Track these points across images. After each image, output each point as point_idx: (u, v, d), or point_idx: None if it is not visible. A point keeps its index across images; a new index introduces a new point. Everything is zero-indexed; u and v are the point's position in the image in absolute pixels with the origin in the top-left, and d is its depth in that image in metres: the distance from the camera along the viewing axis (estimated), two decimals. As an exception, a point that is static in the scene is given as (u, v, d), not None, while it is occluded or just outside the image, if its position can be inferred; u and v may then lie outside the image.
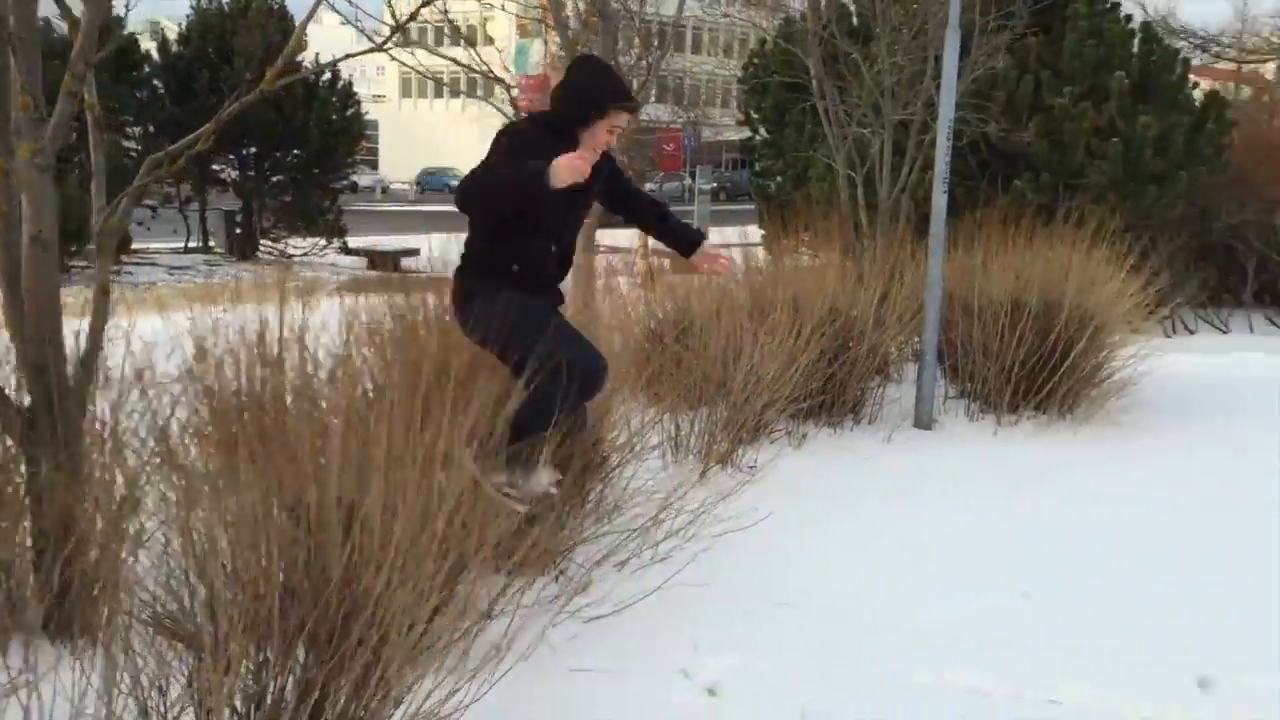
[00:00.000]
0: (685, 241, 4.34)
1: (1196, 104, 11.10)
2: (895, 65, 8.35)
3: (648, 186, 24.68)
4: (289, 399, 3.39)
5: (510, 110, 8.87)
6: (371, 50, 3.71)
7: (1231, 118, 11.64)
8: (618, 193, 4.18)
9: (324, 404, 3.48)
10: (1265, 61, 19.02)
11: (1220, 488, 6.18)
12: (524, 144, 3.61)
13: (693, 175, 33.18)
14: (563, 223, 3.87)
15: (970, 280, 7.70)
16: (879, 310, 7.56)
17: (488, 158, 3.64)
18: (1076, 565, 4.92)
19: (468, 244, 3.91)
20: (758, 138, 15.24)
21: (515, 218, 3.61)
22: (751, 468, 6.06)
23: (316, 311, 4.78)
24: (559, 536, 4.44)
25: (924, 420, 7.44)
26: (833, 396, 7.25)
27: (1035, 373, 7.37)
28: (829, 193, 10.18)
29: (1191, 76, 24.13)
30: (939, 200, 7.39)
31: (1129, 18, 11.67)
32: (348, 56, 3.79)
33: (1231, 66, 21.92)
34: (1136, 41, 11.43)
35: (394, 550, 2.85)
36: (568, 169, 3.34)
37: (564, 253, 3.93)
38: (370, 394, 3.94)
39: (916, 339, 7.76)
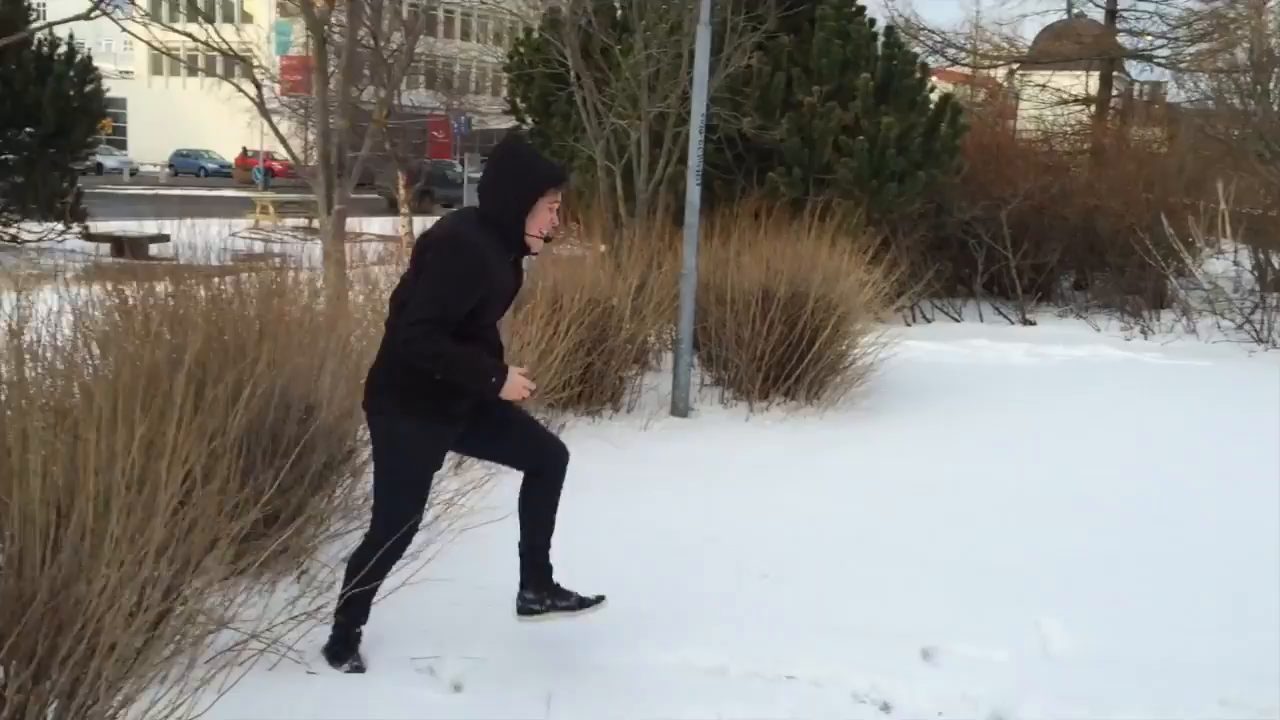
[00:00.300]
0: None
1: (931, 106, 11.78)
2: (651, 58, 8.49)
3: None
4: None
5: (266, 93, 8.50)
6: (79, 18, 3.44)
7: (967, 121, 12.43)
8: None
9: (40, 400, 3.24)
10: (995, 66, 20.42)
11: (948, 466, 6.60)
12: (478, 260, 3.52)
13: (462, 163, 32.86)
14: (491, 325, 3.80)
15: (724, 271, 7.93)
16: (636, 300, 7.67)
17: (438, 281, 3.48)
18: (815, 545, 5.15)
19: (389, 344, 3.68)
20: (524, 127, 15.20)
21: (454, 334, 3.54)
22: (507, 459, 6.03)
23: (43, 301, 4.45)
24: (303, 536, 4.30)
25: (680, 408, 7.61)
26: (591, 386, 7.33)
27: (785, 360, 7.65)
28: (592, 184, 10.27)
29: (933, 79, 25.64)
30: (693, 192, 7.57)
31: (873, 21, 12.26)
32: (57, 23, 3.52)
33: (967, 70, 23.44)
34: (880, 44, 12.03)
35: (108, 554, 2.68)
36: (515, 390, 3.56)
37: (493, 349, 3.81)
38: (91, 387, 3.70)
39: (674, 328, 7.94)
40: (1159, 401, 8.60)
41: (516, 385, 3.57)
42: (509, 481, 5.37)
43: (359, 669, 3.71)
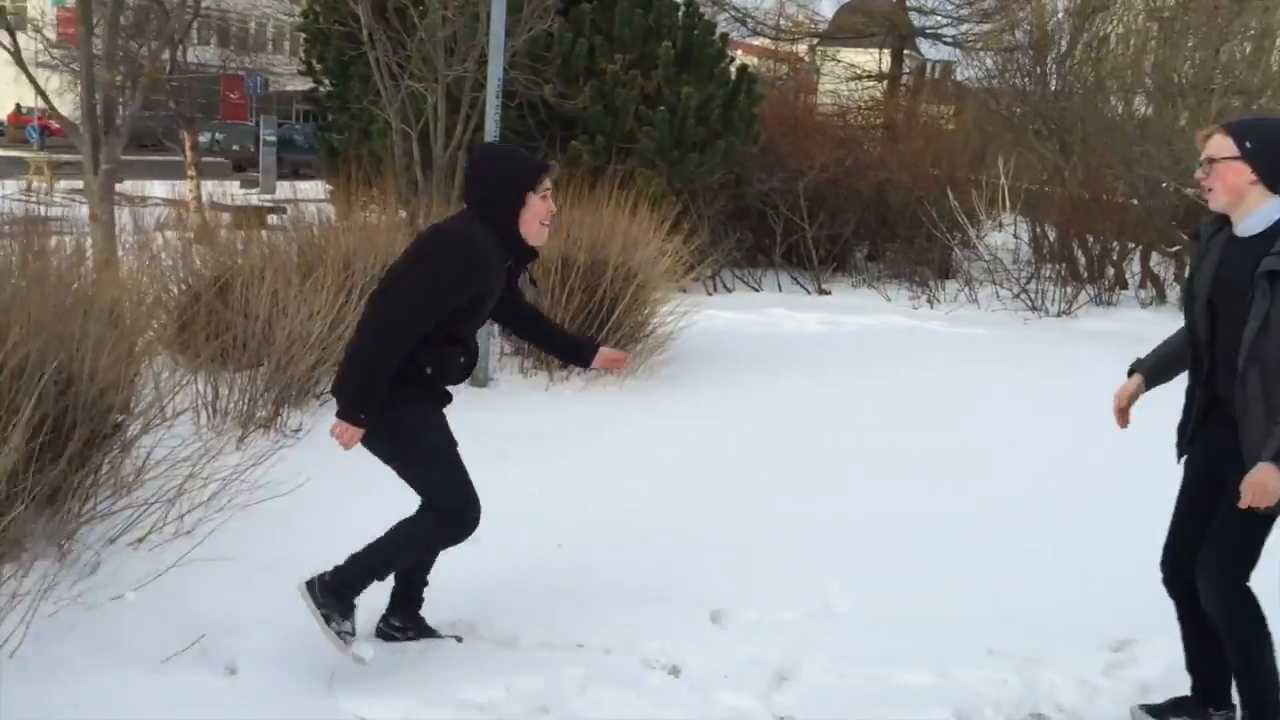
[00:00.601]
0: (582, 349, 4.13)
1: (731, 76, 11.95)
2: (447, 20, 8.28)
3: (202, 136, 23.05)
4: None
5: (38, 45, 7.88)
6: None
7: (763, 91, 12.67)
8: (507, 296, 3.80)
9: None
10: (795, 41, 20.91)
11: (742, 433, 6.72)
12: (481, 263, 3.44)
13: (258, 125, 31.52)
14: (476, 329, 3.70)
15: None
16: (433, 268, 7.50)
17: (429, 277, 3.39)
18: (612, 514, 5.14)
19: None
20: (322, 89, 14.66)
21: (436, 326, 3.43)
22: (296, 431, 5.82)
23: None
24: (61, 513, 4.03)
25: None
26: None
27: (584, 328, 7.62)
28: (390, 148, 9.98)
29: (739, 53, 26.01)
30: (490, 158, 7.41)
31: (675, -10, 12.33)
32: None
33: (771, 45, 23.94)
34: (681, 14, 12.11)
35: None
36: (342, 436, 3.45)
37: (471, 353, 3.66)
38: None
39: (473, 296, 7.79)
40: (941, 367, 8.96)
41: (347, 436, 3.44)
42: (293, 455, 5.21)
43: (351, 640, 3.46)
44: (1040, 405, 7.68)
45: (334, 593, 3.42)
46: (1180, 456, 3.38)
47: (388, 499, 5.12)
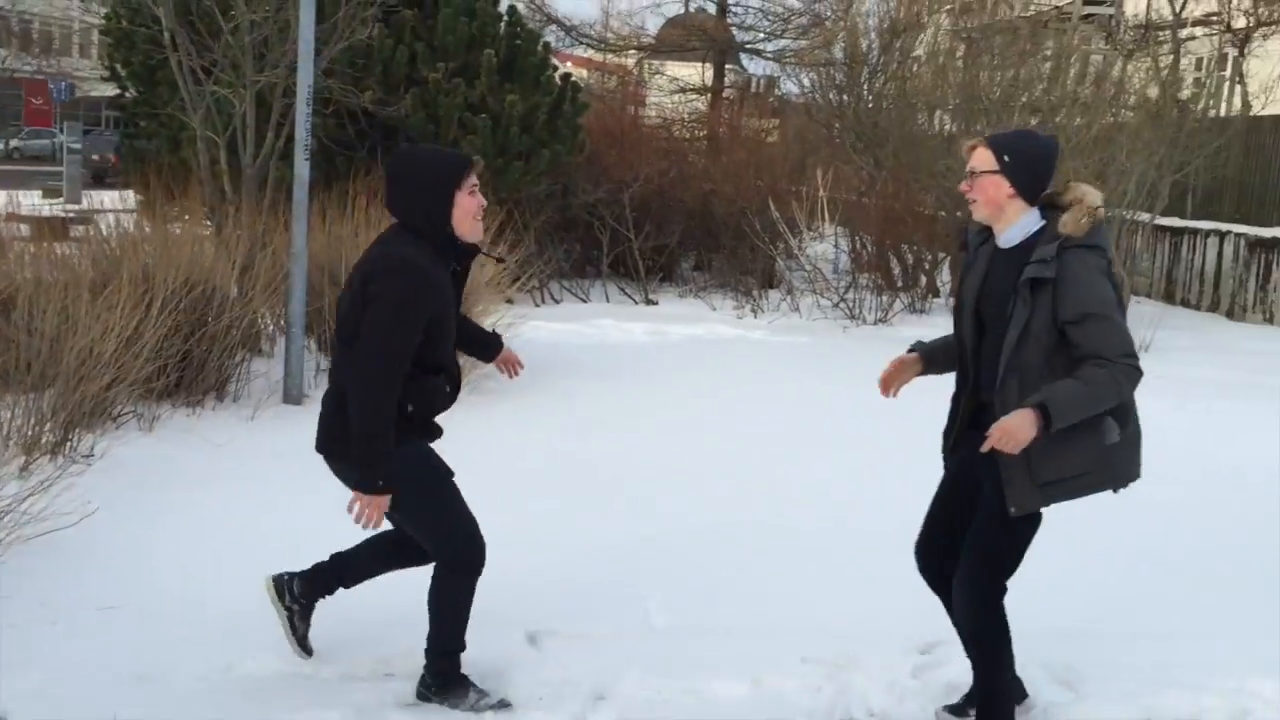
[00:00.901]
0: (490, 345, 3.94)
1: (556, 85, 11.89)
2: (255, 24, 7.96)
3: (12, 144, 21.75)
4: None
5: None
6: None
7: (588, 101, 12.66)
8: None
9: None
10: (620, 53, 21.00)
11: (564, 447, 6.66)
12: (422, 281, 3.24)
13: (62, 131, 29.91)
14: (452, 351, 3.50)
15: (340, 250, 7.60)
16: (242, 281, 7.21)
17: (387, 320, 3.19)
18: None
19: (342, 383, 3.37)
20: (127, 95, 13.98)
21: (417, 360, 3.28)
22: (87, 456, 5.48)
23: None
24: None
25: (294, 395, 7.22)
26: (192, 374, 6.82)
27: (403, 343, 7.43)
28: (196, 156, 9.55)
29: (568, 65, 25.99)
30: (301, 167, 7.17)
31: (496, 1, 12.21)
32: None
33: (600, 57, 24.02)
34: (504, 23, 12.00)
35: None
36: (367, 511, 3.33)
37: (455, 378, 3.50)
38: None
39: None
40: (762, 375, 9.09)
41: (373, 509, 3.33)
42: (83, 482, 4.90)
43: (489, 700, 3.55)
44: (852, 411, 7.82)
45: (442, 686, 3.53)
46: (945, 461, 3.50)
47: (186, 523, 4.89)
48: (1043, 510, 3.24)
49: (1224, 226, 13.57)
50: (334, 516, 5.12)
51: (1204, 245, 13.74)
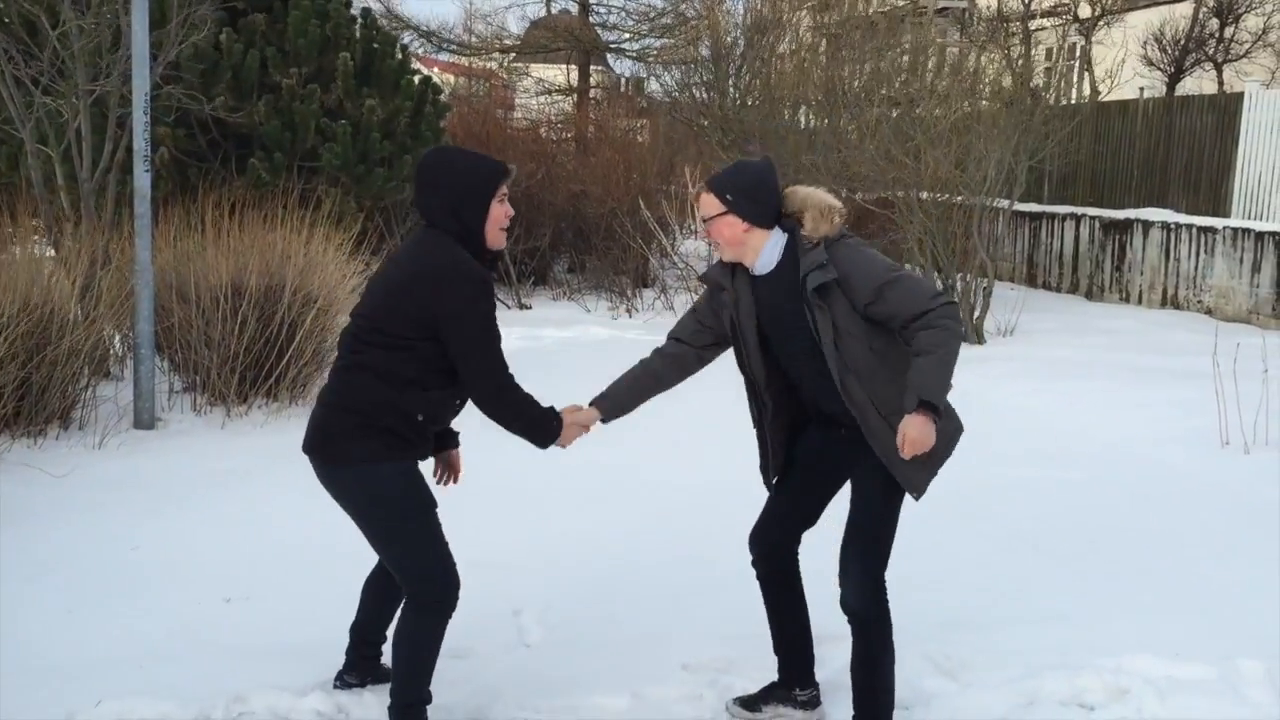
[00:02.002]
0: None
1: (415, 89, 11.58)
2: (84, 30, 7.52)
3: None
4: None
5: None
6: None
7: (449, 104, 12.37)
8: None
9: None
10: (482, 54, 20.70)
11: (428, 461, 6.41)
12: (489, 292, 3.18)
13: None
14: None
15: (189, 265, 7.24)
16: (84, 302, 6.80)
17: (483, 328, 3.14)
18: (286, 559, 4.75)
19: (352, 384, 3.18)
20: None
21: (435, 370, 3.16)
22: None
23: None
24: None
25: (145, 419, 6.84)
26: (32, 402, 6.39)
27: (263, 359, 7.13)
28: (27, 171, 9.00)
29: (435, 70, 25.54)
30: (141, 180, 6.80)
31: (349, 3, 11.84)
32: None
33: (466, 61, 23.66)
34: (359, 26, 11.65)
35: None
36: (571, 435, 3.57)
37: (463, 400, 3.33)
38: None
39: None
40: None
41: (573, 433, 3.45)
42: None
43: None
44: (729, 407, 7.77)
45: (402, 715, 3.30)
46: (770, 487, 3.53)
47: (23, 560, 4.54)
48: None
49: (1079, 210, 14.00)
50: (189, 543, 4.85)
51: (1061, 229, 14.15)
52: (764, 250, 3.22)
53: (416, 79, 11.69)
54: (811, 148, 12.65)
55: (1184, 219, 12.35)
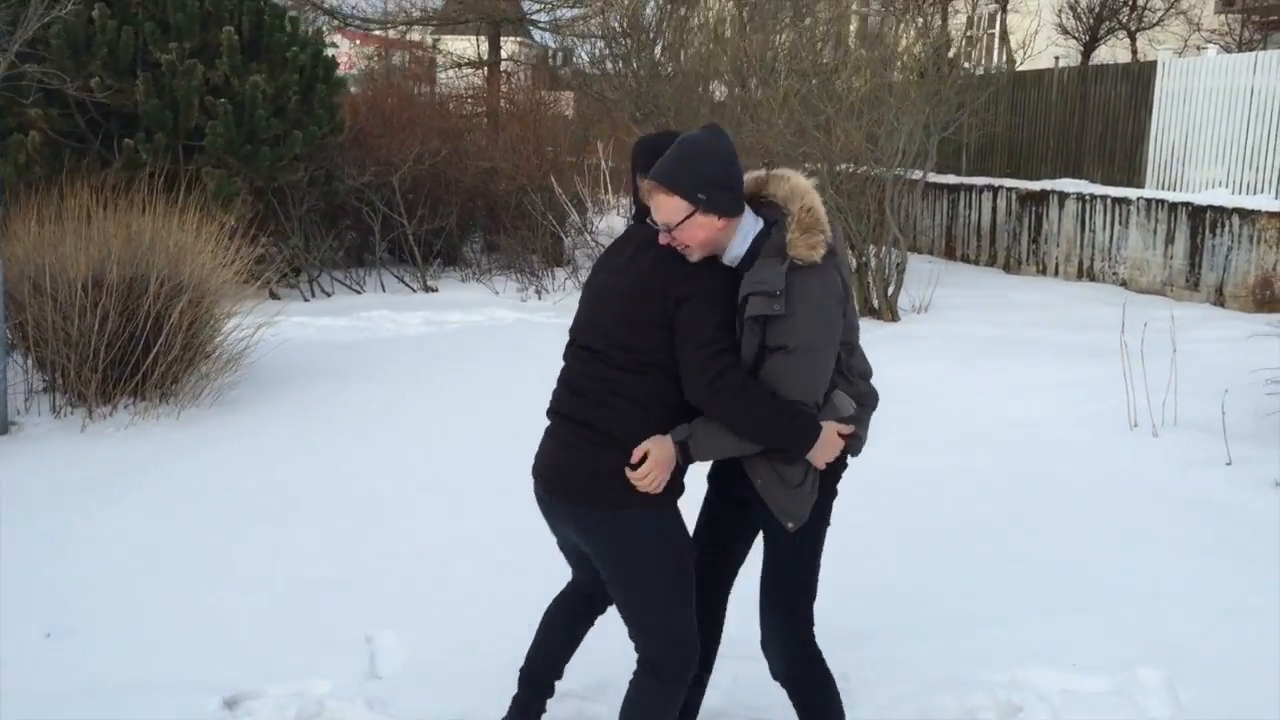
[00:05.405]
0: None
1: (303, 63, 11.03)
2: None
3: None
4: None
5: None
6: None
7: (344, 78, 11.80)
8: None
9: None
10: (383, 26, 19.99)
11: (305, 463, 6.02)
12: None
13: None
14: None
15: (43, 256, 6.72)
16: (-74, 298, 6.28)
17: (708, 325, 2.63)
18: (117, 586, 4.33)
19: (633, 418, 2.68)
20: None
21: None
22: None
23: None
24: None
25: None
26: None
27: (127, 355, 6.65)
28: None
29: (356, 41, 24.66)
30: (-17, 165, 6.27)
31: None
32: None
33: (380, 35, 22.93)
34: (243, -1, 11.07)
35: None
36: (829, 451, 2.72)
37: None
38: None
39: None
40: (538, 363, 8.54)
41: (831, 445, 2.71)
42: None
43: None
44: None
45: None
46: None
47: None
48: (826, 517, 2.86)
49: (996, 181, 13.84)
50: (34, 562, 4.41)
51: (979, 201, 13.99)
52: (736, 239, 2.68)
53: (306, 52, 11.12)
54: (725, 120, 12.31)
55: (1099, 190, 12.23)
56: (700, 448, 2.66)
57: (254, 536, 4.88)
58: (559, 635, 3.13)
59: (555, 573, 4.36)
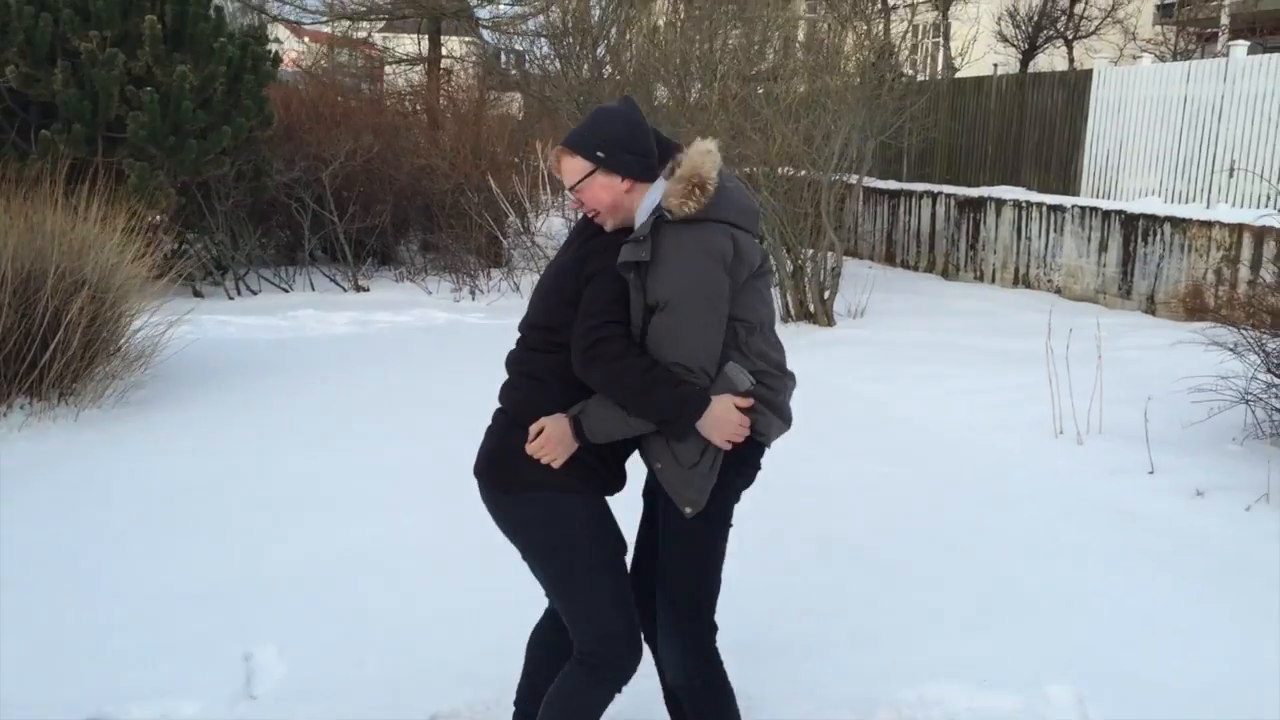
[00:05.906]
0: None
1: (231, 54, 10.71)
2: None
3: None
4: None
5: None
6: None
7: (272, 71, 11.47)
8: None
9: None
10: (321, 21, 19.60)
11: (213, 465, 5.78)
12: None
13: None
14: None
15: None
16: None
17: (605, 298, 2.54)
18: (19, 597, 4.09)
19: (532, 394, 2.63)
20: None
21: None
22: None
23: None
24: None
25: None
26: None
27: (21, 354, 6.36)
28: None
29: (305, 40, 24.18)
30: None
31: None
32: None
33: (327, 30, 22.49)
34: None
35: None
36: (727, 428, 2.55)
37: None
38: None
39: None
40: (464, 365, 8.34)
41: (727, 420, 2.55)
42: None
43: None
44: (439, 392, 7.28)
45: None
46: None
47: None
48: (728, 512, 2.69)
49: (935, 188, 13.83)
50: None
51: (919, 207, 13.97)
52: (643, 204, 2.59)
53: (235, 43, 10.82)
54: (666, 119, 12.16)
55: (1035, 197, 12.24)
56: (591, 423, 2.54)
57: (139, 544, 4.64)
58: (541, 668, 2.93)
59: (452, 585, 4.21)
